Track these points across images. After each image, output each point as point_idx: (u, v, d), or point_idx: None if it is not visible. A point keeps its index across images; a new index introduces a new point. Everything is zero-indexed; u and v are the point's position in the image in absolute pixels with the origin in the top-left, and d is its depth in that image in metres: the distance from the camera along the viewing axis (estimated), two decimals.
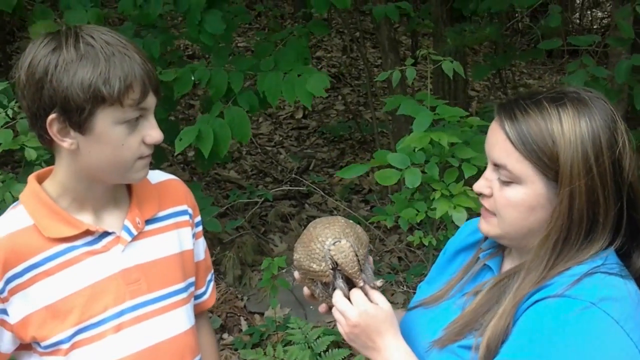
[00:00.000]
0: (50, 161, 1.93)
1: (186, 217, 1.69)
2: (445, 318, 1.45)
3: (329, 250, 1.41)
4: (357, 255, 1.41)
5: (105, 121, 1.40)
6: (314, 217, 5.31)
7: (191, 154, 6.09)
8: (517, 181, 1.34)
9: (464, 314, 1.41)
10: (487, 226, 1.43)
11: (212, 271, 1.86)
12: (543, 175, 1.32)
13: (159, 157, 4.31)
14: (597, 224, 1.33)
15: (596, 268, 1.31)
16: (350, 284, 1.43)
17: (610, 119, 1.33)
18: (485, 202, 1.43)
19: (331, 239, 1.42)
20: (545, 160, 1.31)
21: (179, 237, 1.65)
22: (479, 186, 1.43)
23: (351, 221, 1.50)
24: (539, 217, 1.35)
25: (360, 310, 1.40)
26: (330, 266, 1.41)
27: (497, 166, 1.37)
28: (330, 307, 1.48)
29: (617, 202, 1.33)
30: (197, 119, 3.44)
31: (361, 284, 1.42)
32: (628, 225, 1.36)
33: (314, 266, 1.43)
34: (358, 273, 1.41)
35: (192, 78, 3.54)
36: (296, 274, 1.53)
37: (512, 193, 1.35)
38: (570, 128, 1.30)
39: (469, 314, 1.40)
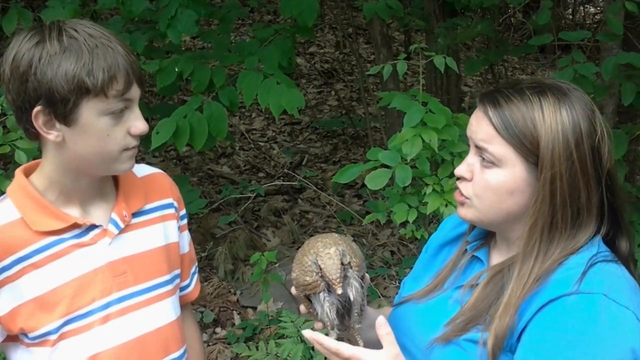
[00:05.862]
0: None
1: (172, 210, 1.70)
2: (441, 312, 1.46)
3: (316, 256, 1.40)
4: (342, 264, 1.38)
5: (90, 112, 1.41)
6: (307, 212, 5.36)
7: (185, 149, 6.08)
8: (498, 164, 1.37)
9: (465, 310, 1.42)
10: (463, 210, 1.46)
11: (196, 263, 1.87)
12: (524, 159, 1.36)
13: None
14: (581, 210, 1.36)
15: (594, 257, 1.35)
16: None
17: (589, 109, 1.38)
18: (462, 186, 1.45)
19: (321, 248, 1.41)
20: (527, 145, 1.35)
21: (164, 230, 1.66)
22: (461, 170, 1.45)
23: (347, 237, 1.49)
24: (518, 201, 1.38)
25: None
26: (320, 275, 1.38)
27: (479, 149, 1.40)
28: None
29: (598, 188, 1.37)
30: (175, 111, 3.41)
31: (339, 291, 1.37)
32: (609, 212, 1.40)
33: (307, 279, 1.40)
34: (337, 280, 1.36)
35: (176, 70, 3.53)
36: (293, 290, 1.49)
37: (492, 176, 1.38)
38: (551, 115, 1.34)
39: (469, 309, 1.41)
